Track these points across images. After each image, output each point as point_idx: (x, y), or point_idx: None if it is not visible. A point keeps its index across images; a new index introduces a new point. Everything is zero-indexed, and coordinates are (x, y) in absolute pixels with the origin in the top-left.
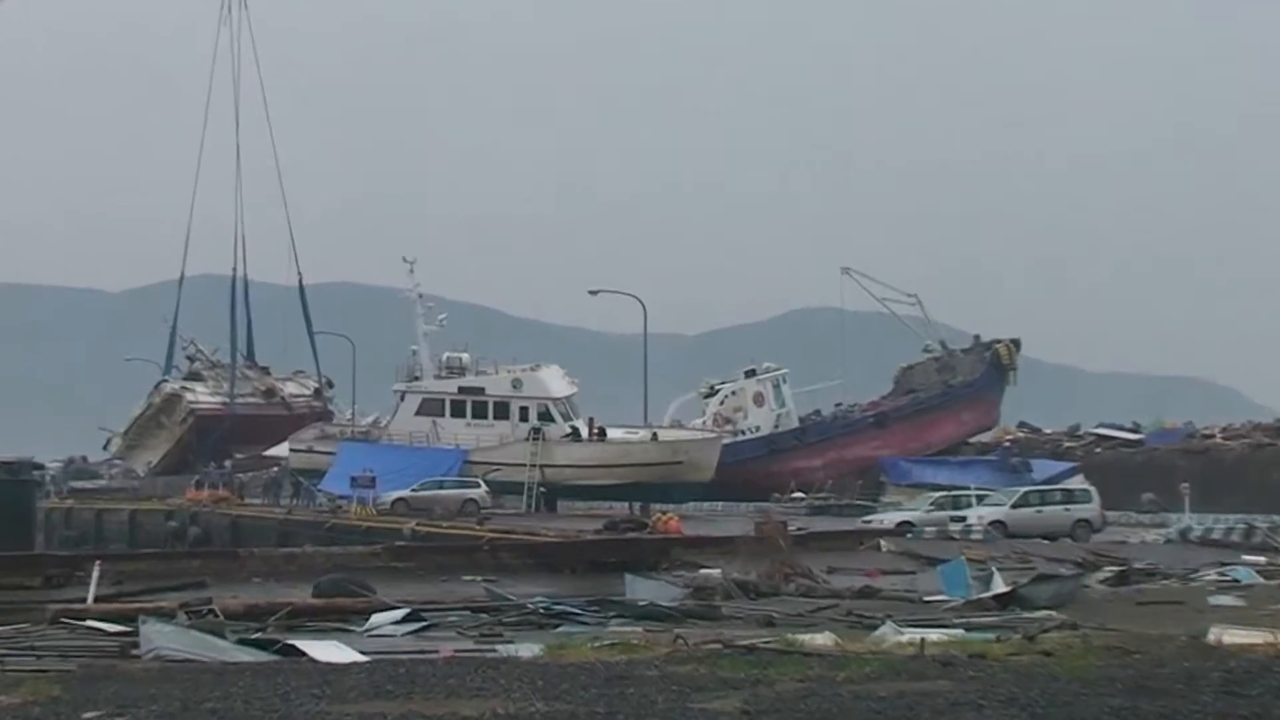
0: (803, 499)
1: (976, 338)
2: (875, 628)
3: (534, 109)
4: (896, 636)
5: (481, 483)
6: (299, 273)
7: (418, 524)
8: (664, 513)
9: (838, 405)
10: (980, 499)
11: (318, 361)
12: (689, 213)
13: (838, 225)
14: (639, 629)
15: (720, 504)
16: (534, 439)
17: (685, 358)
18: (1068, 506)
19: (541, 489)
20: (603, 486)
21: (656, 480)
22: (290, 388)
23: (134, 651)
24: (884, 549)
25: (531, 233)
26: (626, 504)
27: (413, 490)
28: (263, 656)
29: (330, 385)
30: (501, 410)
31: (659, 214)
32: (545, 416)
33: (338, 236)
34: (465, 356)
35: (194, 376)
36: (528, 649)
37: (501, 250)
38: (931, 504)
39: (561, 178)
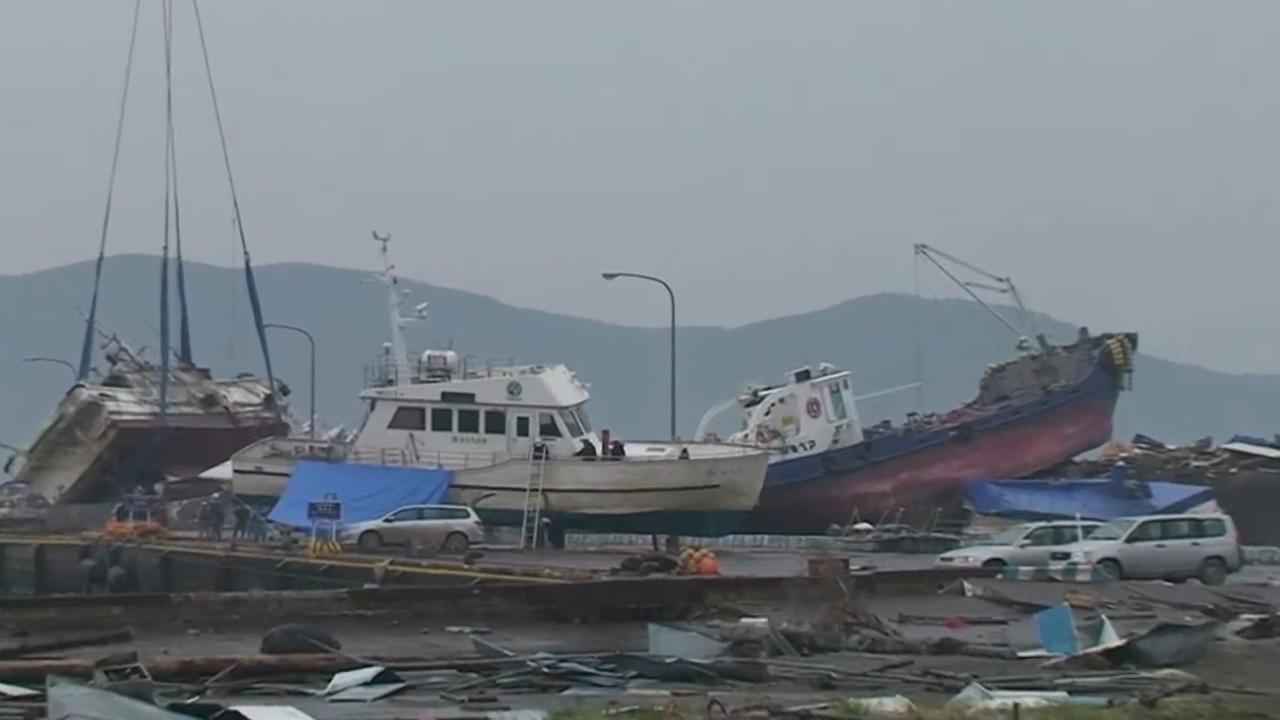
0: (868, 531)
1: (1083, 331)
2: (958, 690)
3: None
4: (984, 701)
5: (470, 511)
6: (245, 252)
7: (391, 562)
8: (696, 548)
9: (911, 415)
10: (1087, 531)
11: (269, 362)
12: (725, 183)
13: (911, 197)
14: (665, 692)
15: (766, 537)
16: (535, 458)
17: (723, 356)
18: (1196, 540)
19: (545, 519)
20: (620, 516)
21: (687, 508)
22: (235, 395)
23: None
24: (968, 593)
25: (533, 208)
26: (649, 538)
27: (386, 520)
28: None
29: (285, 391)
30: (495, 422)
31: (689, 184)
32: (549, 430)
33: (296, 209)
34: (450, 355)
35: (116, 381)
36: (528, 717)
37: (496, 228)
38: (1027, 537)
39: (572, 141)
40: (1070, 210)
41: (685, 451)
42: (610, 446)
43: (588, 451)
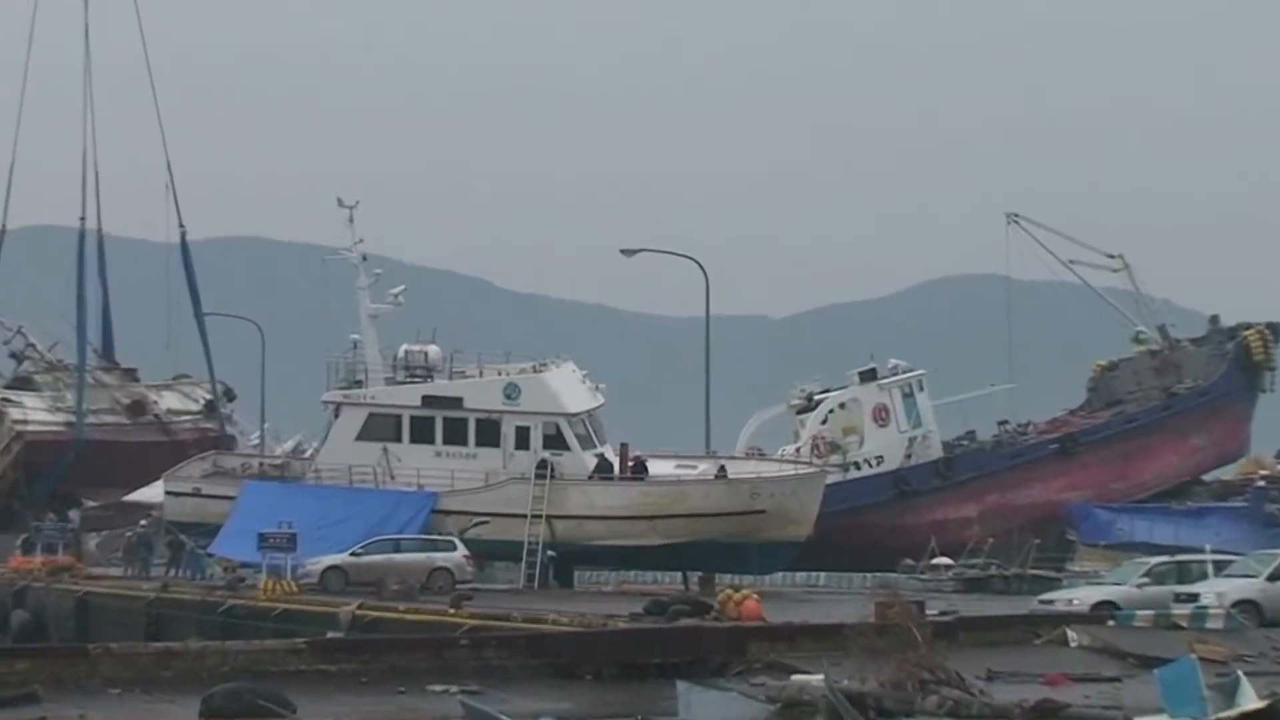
0: (949, 567)
1: (1213, 321)
2: None
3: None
4: None
5: (458, 543)
6: (180, 225)
7: (361, 606)
8: (736, 589)
9: (1003, 424)
10: (1220, 567)
11: (210, 359)
12: (764, 147)
13: (999, 162)
14: None
15: (822, 575)
16: (539, 476)
17: (770, 351)
18: None
19: (550, 552)
20: (642, 549)
21: (725, 538)
22: (169, 400)
23: None
24: (1073, 643)
25: (538, 177)
26: (678, 576)
27: (353, 554)
28: None
29: (230, 396)
30: (489, 432)
31: (720, 152)
32: (555, 442)
33: (245, 173)
34: (434, 350)
35: (22, 383)
36: None
37: (493, 200)
38: (1145, 575)
39: (581, 103)
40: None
41: (723, 469)
42: (630, 462)
43: (602, 469)
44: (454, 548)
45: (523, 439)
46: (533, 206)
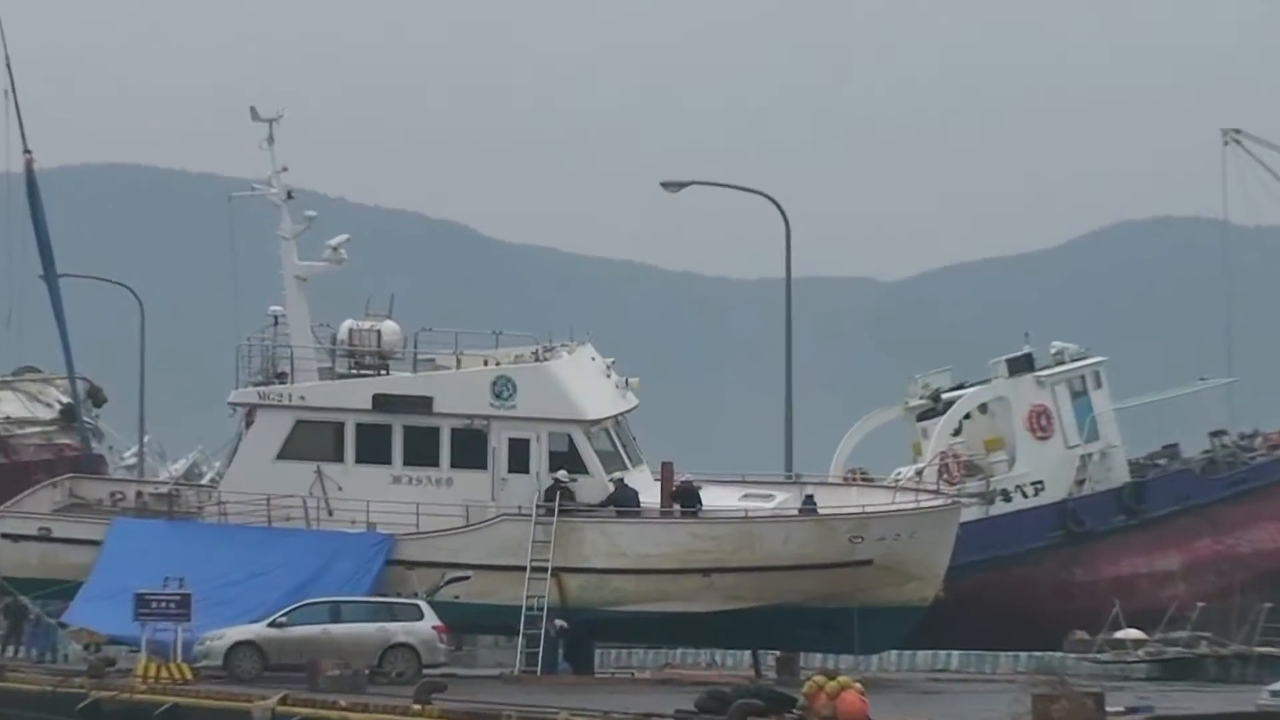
0: (1139, 643)
1: None
2: None
3: None
4: None
5: (425, 608)
6: (26, 150)
7: (285, 700)
8: (830, 676)
9: (1218, 435)
10: None
11: (68, 345)
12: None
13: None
14: None
15: (955, 655)
16: (544, 511)
17: (879, 329)
18: None
19: (560, 623)
20: (695, 618)
21: (815, 602)
22: (7, 404)
23: None
24: None
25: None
26: (747, 655)
27: (274, 625)
28: None
29: (97, 399)
30: (471, 448)
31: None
32: (568, 461)
33: (117, 75)
34: (390, 329)
35: None
36: None
37: (471, 137)
38: None
39: None
40: None
41: (810, 500)
42: (676, 490)
43: (631, 500)
44: (419, 615)
45: (520, 457)
46: (526, 141)
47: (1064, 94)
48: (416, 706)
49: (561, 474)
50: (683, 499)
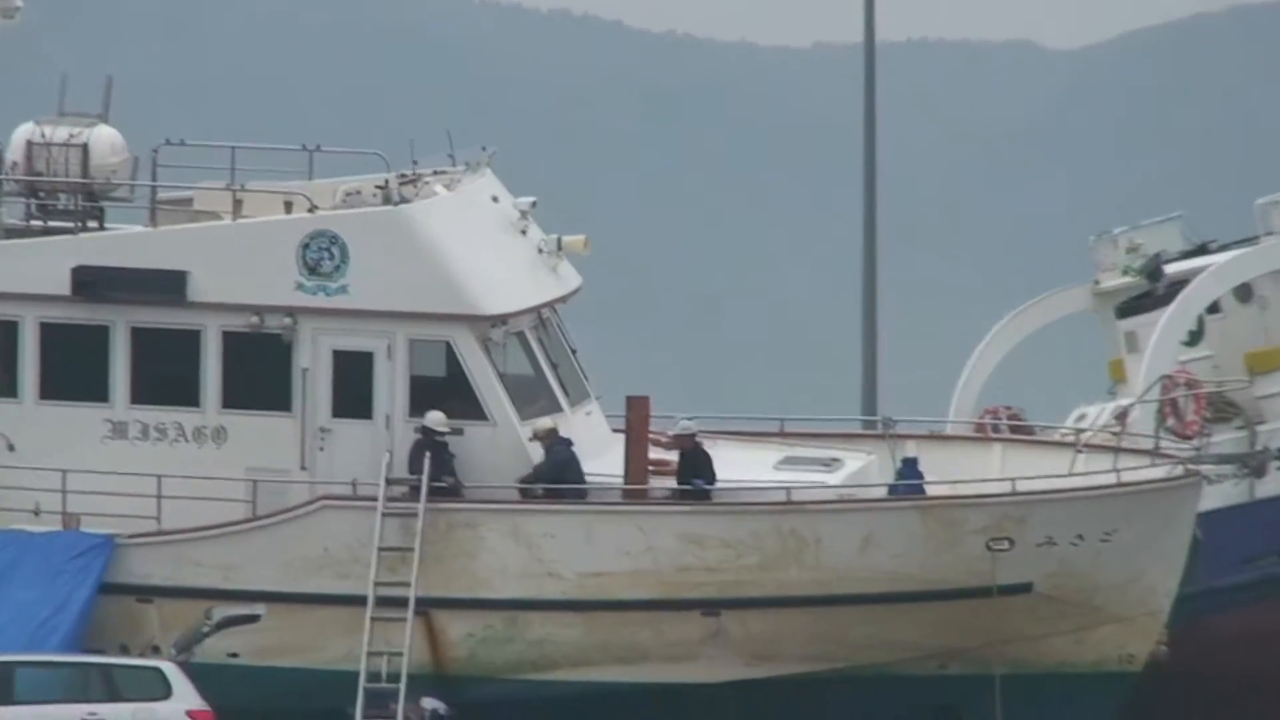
0: None
1: None
2: None
3: None
4: None
5: (171, 675)
6: None
7: None
8: None
9: None
10: None
11: None
12: None
13: None
14: None
15: None
16: (405, 491)
17: (1036, 137)
18: None
19: (435, 710)
20: (692, 694)
21: (919, 666)
22: None
23: None
24: None
25: None
26: None
27: None
28: None
29: None
30: (261, 372)
31: None
32: (449, 399)
33: None
34: (103, 138)
35: None
36: None
37: None
38: None
39: None
40: None
41: (912, 467)
42: (669, 444)
43: (570, 471)
44: (162, 689)
45: (355, 387)
46: None
47: None
48: None
49: (436, 419)
50: (683, 466)
